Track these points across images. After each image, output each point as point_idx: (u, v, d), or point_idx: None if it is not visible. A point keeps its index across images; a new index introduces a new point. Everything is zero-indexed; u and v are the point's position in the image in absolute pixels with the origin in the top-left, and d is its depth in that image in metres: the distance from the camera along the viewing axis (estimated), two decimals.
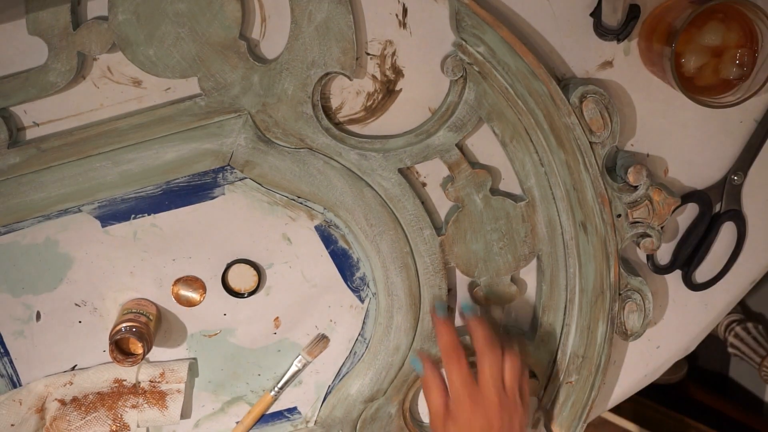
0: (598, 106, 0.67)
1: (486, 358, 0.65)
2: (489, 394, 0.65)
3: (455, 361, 0.66)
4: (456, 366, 0.65)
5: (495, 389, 0.65)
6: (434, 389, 0.67)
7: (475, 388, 0.65)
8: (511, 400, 0.65)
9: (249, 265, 0.71)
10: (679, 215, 0.74)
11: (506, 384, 0.65)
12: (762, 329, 1.36)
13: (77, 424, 0.73)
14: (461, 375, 0.65)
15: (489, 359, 0.65)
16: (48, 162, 0.66)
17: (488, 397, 0.65)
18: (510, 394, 0.65)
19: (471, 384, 0.65)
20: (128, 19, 0.62)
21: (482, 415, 0.64)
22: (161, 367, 0.73)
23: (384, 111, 0.69)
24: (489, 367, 0.65)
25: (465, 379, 0.65)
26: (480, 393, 0.65)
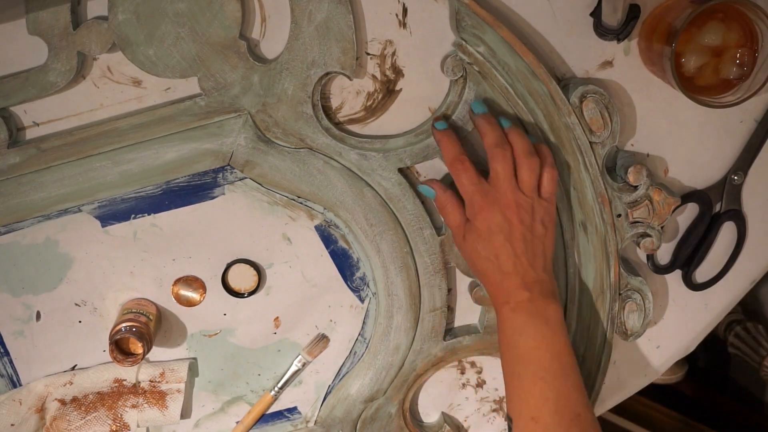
0: (598, 106, 0.67)
1: (497, 158, 0.63)
2: (503, 192, 0.62)
3: (462, 169, 0.64)
4: (464, 173, 0.63)
5: (509, 186, 0.62)
6: (449, 207, 0.65)
7: (488, 188, 0.63)
8: (528, 197, 0.63)
9: (249, 265, 0.71)
10: (679, 215, 0.74)
11: (522, 181, 0.63)
12: (762, 329, 1.36)
13: (77, 423, 0.73)
14: (471, 179, 0.63)
15: (500, 158, 0.63)
16: (48, 162, 0.66)
17: (502, 195, 0.62)
18: (527, 191, 0.63)
19: (483, 185, 0.63)
20: (128, 18, 0.62)
21: (498, 213, 0.62)
22: (161, 367, 0.73)
23: (384, 111, 0.69)
24: (501, 166, 0.63)
25: (475, 182, 0.63)
26: (493, 192, 0.63)
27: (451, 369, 0.77)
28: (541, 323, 0.62)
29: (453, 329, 0.75)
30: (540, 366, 0.61)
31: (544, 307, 0.62)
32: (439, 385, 0.77)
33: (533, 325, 0.62)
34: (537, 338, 0.62)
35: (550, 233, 0.64)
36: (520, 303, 0.62)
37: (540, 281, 0.63)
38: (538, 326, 0.62)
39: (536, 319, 0.62)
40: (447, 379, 0.77)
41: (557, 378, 0.60)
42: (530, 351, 0.62)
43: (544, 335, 0.61)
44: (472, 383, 0.78)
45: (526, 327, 0.62)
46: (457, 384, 0.78)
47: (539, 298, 0.62)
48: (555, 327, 0.62)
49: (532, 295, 0.62)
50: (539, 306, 0.62)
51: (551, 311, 0.62)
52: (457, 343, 0.74)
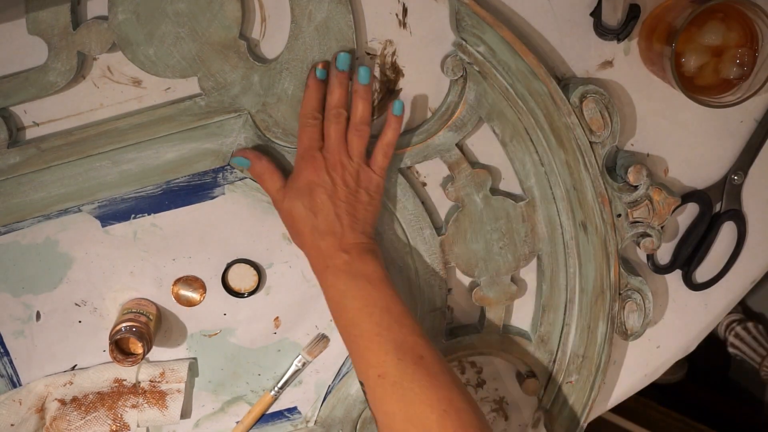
0: (598, 106, 0.67)
1: (330, 120, 0.64)
2: (331, 153, 0.63)
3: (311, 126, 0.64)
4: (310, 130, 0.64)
5: (337, 149, 0.63)
6: (267, 173, 0.65)
7: (319, 152, 0.64)
8: (355, 162, 0.64)
9: (249, 265, 0.71)
10: (679, 215, 0.74)
11: (350, 146, 0.64)
12: (762, 329, 1.36)
13: (77, 423, 0.73)
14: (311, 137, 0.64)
15: (333, 121, 0.64)
16: (48, 162, 0.66)
17: (330, 155, 0.63)
18: (354, 157, 0.64)
19: (317, 147, 0.64)
20: (128, 18, 0.62)
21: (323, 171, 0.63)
22: (161, 367, 0.73)
23: (384, 110, 0.69)
24: (333, 128, 0.64)
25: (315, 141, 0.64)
26: (324, 154, 0.64)
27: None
28: (365, 283, 0.62)
29: (453, 329, 0.75)
30: (372, 323, 0.61)
31: (364, 267, 0.63)
32: None
33: (356, 286, 0.62)
34: (363, 298, 0.62)
35: (374, 203, 0.65)
36: (340, 266, 0.63)
37: (358, 243, 0.63)
38: (361, 286, 0.62)
39: (359, 279, 0.62)
40: None
41: (391, 330, 0.61)
42: (359, 311, 0.62)
43: (370, 293, 0.62)
44: (472, 383, 0.78)
45: (350, 289, 0.62)
46: None
47: (358, 258, 0.63)
48: (378, 284, 0.62)
49: (350, 257, 0.63)
50: (359, 267, 0.63)
51: (371, 269, 0.63)
52: (457, 343, 0.74)
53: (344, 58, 0.64)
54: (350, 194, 0.63)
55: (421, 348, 0.60)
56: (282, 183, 0.65)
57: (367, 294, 0.62)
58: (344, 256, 0.63)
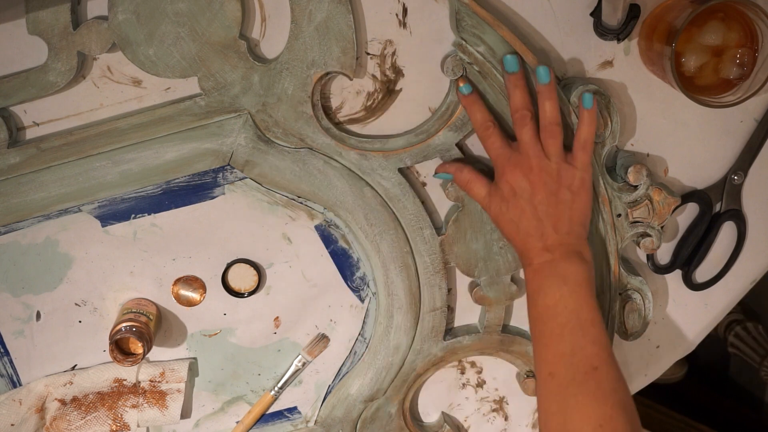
0: (599, 106, 0.67)
1: (518, 123, 0.64)
2: (526, 156, 0.63)
3: (489, 134, 0.64)
4: (490, 138, 0.64)
5: (532, 151, 0.63)
6: (471, 182, 0.66)
7: (515, 154, 0.64)
8: (554, 162, 0.63)
9: (249, 264, 0.71)
10: (679, 215, 0.74)
11: (546, 147, 0.63)
12: (762, 329, 1.36)
13: (77, 423, 0.73)
14: (496, 144, 0.64)
15: (521, 123, 0.63)
16: (48, 162, 0.66)
17: (525, 159, 0.63)
18: (552, 157, 0.63)
19: (507, 149, 0.64)
20: (128, 18, 0.62)
21: (521, 176, 0.63)
22: (161, 367, 0.73)
23: (384, 111, 0.69)
24: (523, 131, 0.63)
25: (500, 146, 0.64)
26: (517, 156, 0.64)
27: (451, 369, 0.77)
28: (560, 283, 0.62)
29: (453, 329, 0.75)
30: (556, 323, 0.62)
31: (565, 268, 0.63)
32: (439, 385, 0.77)
33: (551, 284, 0.63)
34: (554, 297, 0.62)
35: (580, 199, 0.64)
36: (541, 264, 0.63)
37: (563, 243, 0.63)
38: (556, 285, 0.62)
39: (554, 279, 0.63)
40: (447, 379, 0.77)
41: (573, 333, 0.61)
42: (547, 309, 0.62)
43: (562, 294, 0.62)
44: (472, 383, 0.78)
45: (544, 287, 0.63)
46: (457, 384, 0.78)
47: (561, 259, 0.63)
48: (574, 286, 0.62)
49: (553, 257, 0.63)
50: (559, 267, 0.63)
51: (572, 271, 0.63)
52: (457, 343, 0.74)
53: (512, 60, 0.64)
54: (550, 195, 0.63)
55: (599, 360, 0.60)
56: (487, 189, 0.65)
57: (559, 295, 0.62)
58: (547, 255, 0.63)
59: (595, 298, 0.63)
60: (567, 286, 0.62)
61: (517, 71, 0.64)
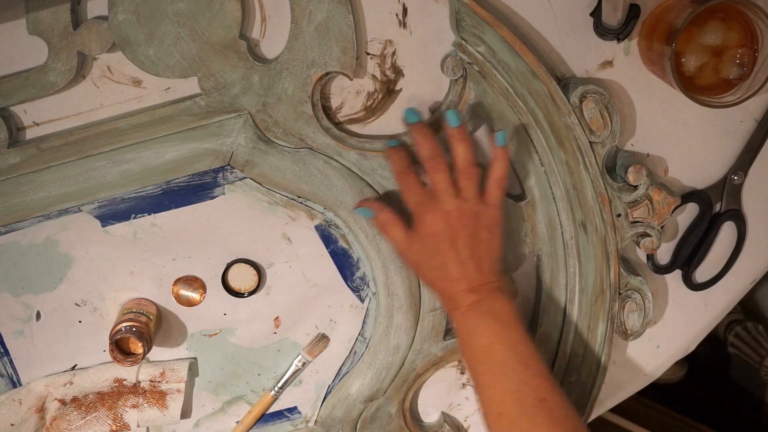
0: (598, 106, 0.67)
1: (432, 170, 0.63)
2: (444, 201, 0.63)
3: (407, 181, 0.64)
4: (408, 185, 0.64)
5: (448, 195, 0.63)
6: (390, 223, 0.65)
7: (432, 199, 0.64)
8: (471, 203, 0.63)
9: (249, 264, 0.71)
10: (679, 215, 0.74)
11: (461, 190, 0.63)
12: (762, 329, 1.36)
13: (77, 423, 0.73)
14: (414, 191, 0.64)
15: (435, 170, 0.63)
16: (48, 162, 0.66)
17: (444, 204, 0.63)
18: (468, 198, 0.63)
19: (426, 196, 0.64)
20: (128, 18, 0.62)
21: (441, 221, 0.63)
22: (161, 367, 0.73)
23: (384, 111, 0.69)
24: (438, 176, 0.63)
25: (419, 192, 0.64)
26: (435, 202, 0.63)
27: (451, 369, 0.77)
28: (492, 320, 0.63)
29: (453, 329, 0.75)
30: (496, 361, 0.62)
31: (492, 305, 0.63)
32: (439, 385, 0.77)
33: (484, 323, 0.63)
34: (490, 335, 0.62)
35: (495, 237, 0.65)
36: (470, 306, 0.63)
37: (487, 282, 0.64)
38: (488, 324, 0.63)
39: (486, 317, 0.63)
40: (447, 379, 0.77)
41: (515, 370, 0.61)
42: (485, 348, 0.62)
43: (496, 331, 0.62)
44: (472, 383, 0.78)
45: (478, 327, 0.63)
46: (457, 384, 0.78)
47: (487, 298, 0.63)
48: (506, 322, 0.63)
49: (480, 297, 0.63)
50: (487, 305, 0.63)
51: (500, 307, 0.63)
52: (457, 343, 0.74)
53: (412, 113, 0.65)
54: (471, 237, 0.63)
55: (545, 391, 0.60)
56: (405, 233, 0.65)
57: (494, 332, 0.62)
58: (473, 296, 0.63)
59: (526, 329, 0.64)
60: (499, 323, 0.62)
61: (419, 120, 0.65)
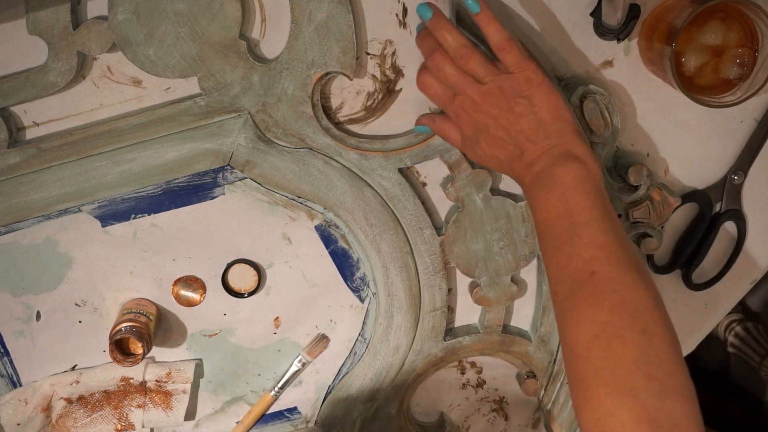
0: (599, 106, 0.67)
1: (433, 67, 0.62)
2: (462, 92, 0.61)
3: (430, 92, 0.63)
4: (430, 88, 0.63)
5: (464, 85, 0.61)
6: (445, 129, 0.64)
7: (456, 97, 0.62)
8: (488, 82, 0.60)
9: (249, 265, 0.71)
10: (679, 215, 0.74)
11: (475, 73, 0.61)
12: (762, 329, 1.36)
13: (83, 421, 0.73)
14: (441, 92, 0.62)
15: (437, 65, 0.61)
16: (48, 162, 0.66)
17: (464, 95, 0.61)
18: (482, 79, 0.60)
19: (450, 96, 0.62)
20: (128, 18, 0.62)
21: (473, 114, 0.61)
22: (168, 367, 0.73)
23: (384, 111, 0.69)
24: (443, 72, 0.61)
25: (443, 95, 0.62)
26: (459, 98, 0.61)
27: (451, 369, 0.77)
28: (548, 191, 0.58)
29: (453, 329, 0.75)
30: (551, 235, 0.58)
31: (551, 174, 0.58)
32: (439, 385, 0.77)
33: (540, 197, 0.59)
34: (546, 209, 0.58)
35: (538, 98, 0.59)
36: (531, 180, 0.60)
37: (545, 151, 0.59)
38: (545, 196, 0.58)
39: (542, 190, 0.58)
40: (447, 379, 0.77)
41: (567, 242, 0.56)
42: (542, 224, 0.59)
43: (552, 203, 0.57)
44: (472, 383, 0.78)
45: (536, 202, 0.59)
46: (457, 384, 0.78)
47: (546, 168, 0.59)
48: (563, 190, 0.57)
49: (538, 168, 0.59)
50: (545, 176, 0.58)
51: (559, 174, 0.58)
52: (457, 343, 0.74)
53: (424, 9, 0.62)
54: (507, 113, 0.60)
55: (596, 263, 0.54)
56: (461, 135, 0.64)
57: (549, 204, 0.57)
58: (532, 169, 0.59)
59: (593, 194, 0.57)
60: (555, 193, 0.58)
61: (432, 14, 0.62)
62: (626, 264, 0.54)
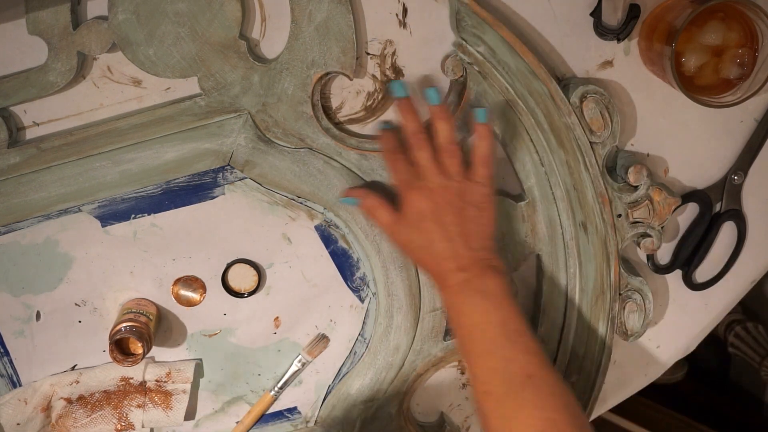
0: (599, 106, 0.67)
1: (415, 146, 0.63)
2: (428, 178, 0.63)
3: (395, 159, 0.64)
4: (397, 163, 0.64)
5: (432, 172, 0.63)
6: (377, 208, 0.65)
7: (416, 179, 0.63)
8: (455, 181, 0.63)
9: (249, 265, 0.71)
10: (679, 215, 0.74)
11: (444, 167, 0.63)
12: (762, 329, 1.36)
13: (83, 421, 0.73)
14: (404, 169, 0.64)
15: (418, 146, 0.63)
16: (48, 162, 0.66)
17: (428, 181, 0.63)
18: (453, 176, 0.63)
19: (412, 174, 0.64)
20: (128, 18, 0.62)
21: (425, 198, 0.63)
22: (168, 367, 0.73)
23: (384, 110, 0.69)
24: (420, 153, 0.63)
25: (407, 171, 0.64)
26: (421, 181, 0.63)
27: (451, 369, 0.77)
28: (480, 299, 0.62)
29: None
30: (484, 339, 0.61)
31: (482, 283, 0.62)
32: (439, 385, 0.77)
33: (472, 302, 0.62)
34: (478, 313, 0.62)
35: (486, 214, 0.64)
36: (459, 284, 0.62)
37: (477, 260, 0.63)
38: (477, 302, 0.62)
39: (475, 296, 0.62)
40: (447, 379, 0.77)
41: (503, 347, 0.60)
42: (473, 327, 0.62)
43: (485, 309, 0.62)
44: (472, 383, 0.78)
45: (466, 305, 0.62)
46: (457, 384, 0.78)
47: (477, 276, 0.62)
48: (496, 299, 0.62)
49: (468, 275, 0.62)
50: (477, 283, 0.62)
51: (490, 285, 0.62)
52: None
53: (398, 86, 0.64)
54: (456, 214, 0.63)
55: (532, 367, 0.59)
56: (392, 216, 0.65)
57: (482, 310, 0.62)
58: (462, 275, 0.62)
59: (518, 307, 0.62)
60: (489, 301, 0.62)
61: (406, 96, 0.64)
62: (556, 371, 0.61)
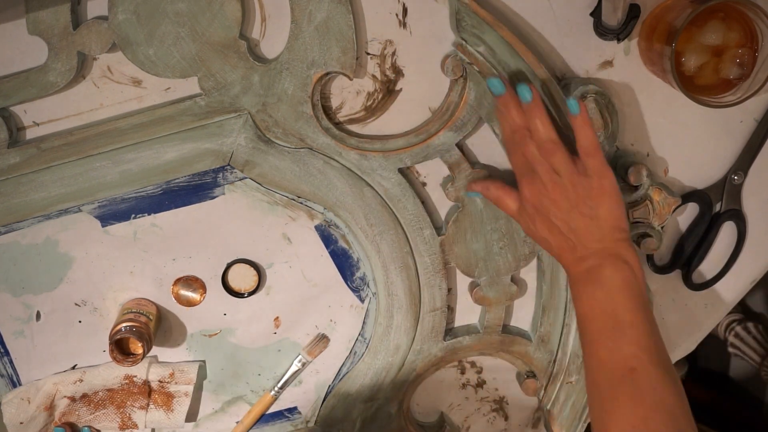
0: (598, 106, 0.67)
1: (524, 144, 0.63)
2: (540, 176, 0.63)
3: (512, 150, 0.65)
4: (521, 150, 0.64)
5: (545, 171, 0.62)
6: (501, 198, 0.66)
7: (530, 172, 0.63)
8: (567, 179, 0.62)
9: (249, 265, 0.71)
10: (679, 215, 0.74)
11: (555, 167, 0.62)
12: (762, 329, 1.36)
13: (87, 418, 0.73)
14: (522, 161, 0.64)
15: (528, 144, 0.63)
16: (48, 162, 0.66)
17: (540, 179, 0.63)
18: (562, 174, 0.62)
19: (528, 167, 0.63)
20: (128, 18, 0.62)
21: (540, 196, 0.63)
22: (171, 368, 0.73)
23: (384, 111, 0.69)
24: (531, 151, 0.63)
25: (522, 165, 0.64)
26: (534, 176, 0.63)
27: (451, 369, 0.77)
28: (594, 288, 0.62)
29: (453, 329, 0.75)
30: (593, 329, 0.61)
31: (599, 273, 0.62)
32: (439, 385, 0.77)
33: (586, 292, 0.62)
34: (589, 303, 0.62)
35: (603, 206, 0.62)
36: (577, 273, 0.63)
37: (596, 252, 0.62)
38: (590, 292, 0.62)
39: (589, 286, 0.62)
40: (447, 379, 0.77)
41: (609, 338, 0.60)
42: (584, 317, 0.62)
43: (597, 299, 0.61)
44: (472, 383, 0.78)
45: (581, 295, 0.63)
46: (457, 384, 0.78)
47: (595, 266, 0.62)
48: (610, 289, 0.61)
49: (587, 265, 0.62)
50: (593, 274, 0.62)
51: (607, 275, 0.61)
52: (457, 343, 0.74)
53: (497, 83, 0.64)
54: (570, 210, 0.62)
55: (636, 360, 0.58)
56: (517, 205, 0.65)
57: (594, 300, 0.62)
58: (581, 264, 0.63)
59: (637, 299, 0.61)
60: (602, 291, 0.61)
61: (505, 92, 0.64)
62: (665, 367, 0.58)
